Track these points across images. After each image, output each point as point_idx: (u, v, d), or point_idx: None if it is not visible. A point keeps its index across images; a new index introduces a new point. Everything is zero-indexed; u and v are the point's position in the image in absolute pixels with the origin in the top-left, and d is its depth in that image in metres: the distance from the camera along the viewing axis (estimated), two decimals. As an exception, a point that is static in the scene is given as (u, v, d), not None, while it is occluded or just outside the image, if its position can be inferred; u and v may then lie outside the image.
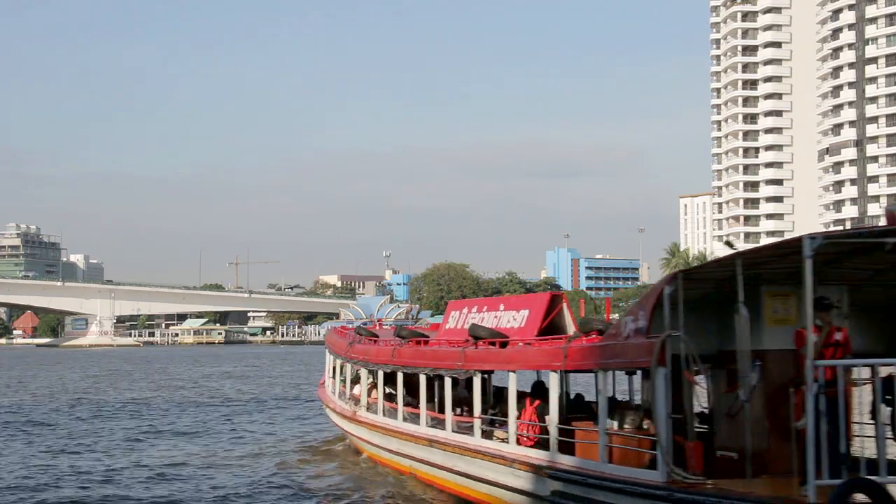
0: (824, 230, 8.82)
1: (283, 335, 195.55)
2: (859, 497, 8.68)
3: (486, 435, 14.27)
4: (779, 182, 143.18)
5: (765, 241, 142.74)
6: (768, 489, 9.94)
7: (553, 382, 12.88)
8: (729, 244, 8.98)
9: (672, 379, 10.55)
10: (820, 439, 9.24)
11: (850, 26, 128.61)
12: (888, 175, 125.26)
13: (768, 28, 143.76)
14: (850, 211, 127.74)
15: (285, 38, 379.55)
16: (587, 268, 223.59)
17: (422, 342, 17.23)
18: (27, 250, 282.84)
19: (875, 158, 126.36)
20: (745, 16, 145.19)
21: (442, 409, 15.58)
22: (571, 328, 13.93)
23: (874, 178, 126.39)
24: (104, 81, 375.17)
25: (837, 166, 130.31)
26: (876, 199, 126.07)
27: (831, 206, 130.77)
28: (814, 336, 9.60)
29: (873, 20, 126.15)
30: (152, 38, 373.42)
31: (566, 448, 12.33)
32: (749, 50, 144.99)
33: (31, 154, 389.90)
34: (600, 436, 11.61)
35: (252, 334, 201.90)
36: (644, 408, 11.93)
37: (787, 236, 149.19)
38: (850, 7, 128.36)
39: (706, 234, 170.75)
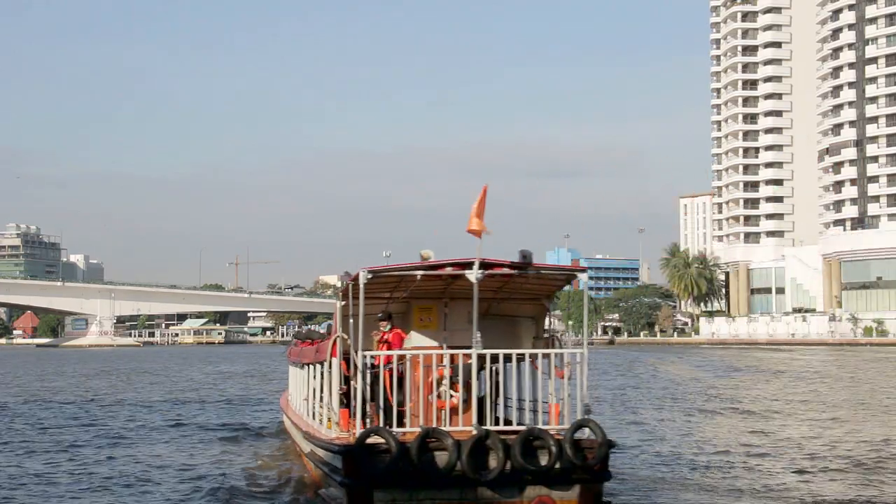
0: (436, 261, 14.11)
1: (283, 335, 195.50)
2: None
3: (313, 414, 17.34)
4: (779, 182, 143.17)
5: (765, 240, 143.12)
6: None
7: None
8: (347, 273, 12.60)
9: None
10: (378, 400, 14.01)
11: (850, 26, 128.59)
12: (888, 175, 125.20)
13: (768, 28, 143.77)
14: (850, 211, 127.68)
15: (285, 38, 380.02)
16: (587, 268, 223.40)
17: (302, 343, 20.14)
18: (27, 250, 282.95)
19: (875, 158, 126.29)
20: (745, 16, 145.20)
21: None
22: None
23: (874, 178, 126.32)
24: (104, 81, 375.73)
25: (837, 166, 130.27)
26: (876, 199, 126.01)
27: (831, 207, 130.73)
28: (376, 336, 14.87)
29: (873, 20, 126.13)
30: (152, 38, 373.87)
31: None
32: (749, 50, 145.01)
33: (31, 154, 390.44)
34: (322, 409, 15.67)
35: (252, 334, 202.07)
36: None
37: (787, 237, 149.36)
38: (850, 7, 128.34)
39: (706, 235, 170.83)
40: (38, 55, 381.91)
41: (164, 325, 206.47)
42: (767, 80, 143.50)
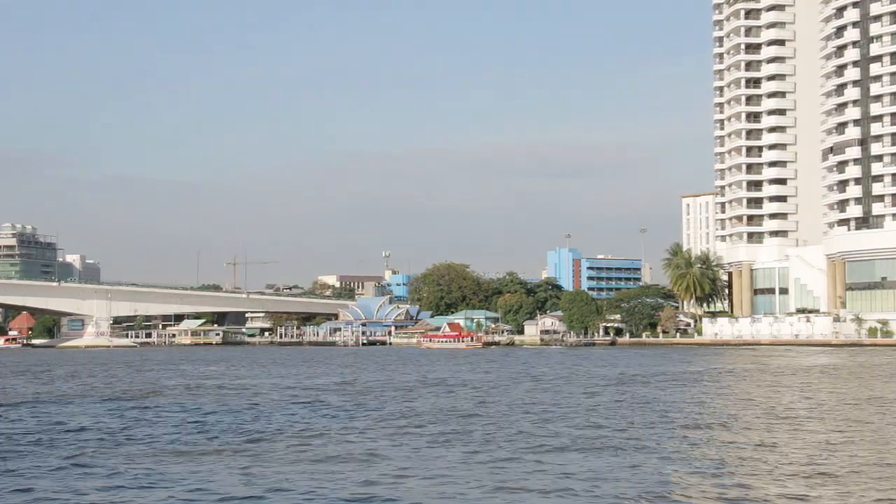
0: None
1: (281, 336, 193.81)
2: None
3: None
4: (782, 181, 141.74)
5: (768, 240, 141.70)
6: None
7: None
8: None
9: None
10: None
11: (854, 24, 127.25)
12: (893, 174, 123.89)
13: (771, 26, 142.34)
14: (854, 210, 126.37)
15: (286, 38, 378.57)
16: (589, 268, 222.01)
17: None
18: (23, 250, 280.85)
19: (879, 157, 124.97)
20: (748, 14, 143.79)
21: None
22: None
23: (878, 178, 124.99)
24: (104, 81, 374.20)
25: (841, 165, 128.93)
26: (880, 198, 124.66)
27: (835, 206, 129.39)
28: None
29: (877, 18, 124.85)
30: (153, 40, 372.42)
31: None
32: (752, 48, 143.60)
33: (30, 154, 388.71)
34: None
35: (250, 335, 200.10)
36: None
37: (791, 236, 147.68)
38: (854, 4, 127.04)
39: (709, 234, 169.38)
40: (38, 55, 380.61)
41: (161, 326, 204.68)
42: (770, 78, 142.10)
